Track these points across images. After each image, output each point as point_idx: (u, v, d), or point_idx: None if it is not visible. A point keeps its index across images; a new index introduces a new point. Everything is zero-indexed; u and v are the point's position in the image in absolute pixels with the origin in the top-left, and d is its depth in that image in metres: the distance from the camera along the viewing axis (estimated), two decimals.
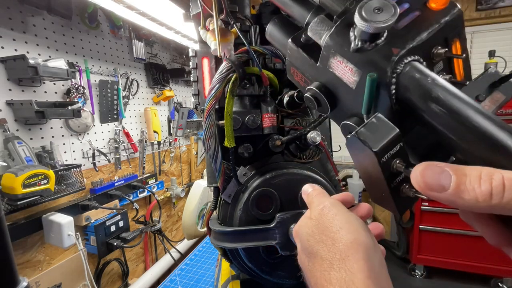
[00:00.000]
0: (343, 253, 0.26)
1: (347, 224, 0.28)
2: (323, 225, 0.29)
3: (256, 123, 0.51)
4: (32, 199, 1.05)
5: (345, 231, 0.27)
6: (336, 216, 0.29)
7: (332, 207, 0.31)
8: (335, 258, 0.26)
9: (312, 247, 0.29)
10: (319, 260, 0.27)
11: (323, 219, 0.30)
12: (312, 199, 0.35)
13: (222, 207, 0.55)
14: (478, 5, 2.39)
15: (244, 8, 0.58)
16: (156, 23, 1.39)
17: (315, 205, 0.33)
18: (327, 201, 0.32)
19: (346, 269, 0.24)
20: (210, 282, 0.98)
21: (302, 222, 0.34)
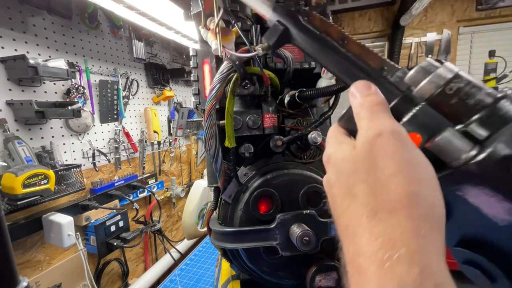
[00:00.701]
0: (392, 204, 0.20)
1: (409, 168, 0.21)
2: (373, 162, 0.22)
3: (257, 123, 0.51)
4: (32, 199, 1.05)
5: (403, 179, 0.21)
6: (395, 154, 0.21)
7: (392, 138, 0.22)
8: (381, 208, 0.20)
9: (351, 186, 0.23)
10: (359, 205, 0.22)
11: (375, 154, 0.22)
12: (363, 115, 0.25)
13: (222, 207, 0.55)
14: (478, 5, 2.39)
15: (245, 7, 0.58)
16: (156, 23, 1.39)
17: (366, 128, 0.24)
18: (386, 124, 0.23)
19: (395, 224, 0.20)
20: (210, 282, 0.98)
21: (341, 148, 0.26)
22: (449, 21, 2.48)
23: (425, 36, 2.55)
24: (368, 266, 0.19)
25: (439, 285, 0.18)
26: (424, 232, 0.19)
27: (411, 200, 0.20)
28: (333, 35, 0.31)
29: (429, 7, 2.46)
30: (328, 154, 0.27)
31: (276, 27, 0.34)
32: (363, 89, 0.26)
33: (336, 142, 0.27)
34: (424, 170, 0.22)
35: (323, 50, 0.31)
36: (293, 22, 0.33)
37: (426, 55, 2.57)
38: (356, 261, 0.20)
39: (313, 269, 0.49)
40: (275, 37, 0.34)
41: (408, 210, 0.20)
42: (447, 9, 2.48)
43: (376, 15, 2.69)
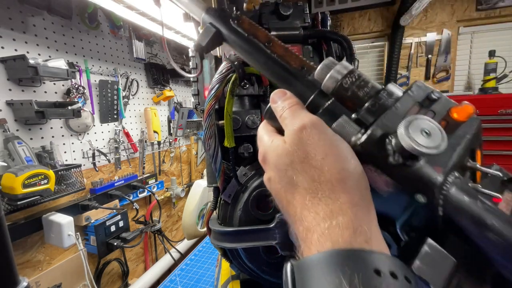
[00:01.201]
0: (329, 183, 0.23)
1: (333, 149, 0.25)
2: (304, 152, 0.25)
3: (256, 123, 0.51)
4: (32, 199, 1.05)
5: (332, 159, 0.24)
6: (319, 141, 0.25)
7: (313, 128, 0.26)
8: (320, 189, 0.23)
9: (290, 177, 0.25)
10: (301, 191, 0.24)
11: (304, 144, 0.25)
12: (285, 115, 0.28)
13: (222, 207, 0.55)
14: (478, 5, 2.38)
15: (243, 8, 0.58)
16: (156, 23, 1.39)
17: (290, 125, 0.27)
18: (306, 119, 0.26)
19: (333, 198, 0.23)
20: (210, 282, 0.98)
21: (274, 145, 0.28)
22: (449, 21, 2.48)
23: (425, 36, 2.55)
24: (312, 237, 0.22)
25: (368, 240, 0.21)
26: (356, 200, 0.23)
27: (343, 175, 0.23)
28: (260, 38, 0.33)
29: (429, 7, 2.46)
30: (263, 153, 0.30)
31: (209, 28, 0.36)
32: (280, 95, 0.30)
33: (268, 140, 0.30)
34: (345, 149, 0.25)
35: (251, 51, 0.34)
36: (224, 24, 0.35)
37: (426, 55, 2.57)
38: (307, 237, 0.23)
39: None
40: (207, 38, 0.36)
41: (342, 185, 0.23)
42: (447, 9, 2.48)
43: (376, 15, 2.69)
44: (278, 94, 0.30)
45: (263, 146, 0.30)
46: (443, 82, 2.55)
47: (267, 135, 0.30)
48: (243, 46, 0.34)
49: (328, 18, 0.61)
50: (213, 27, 0.36)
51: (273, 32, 0.56)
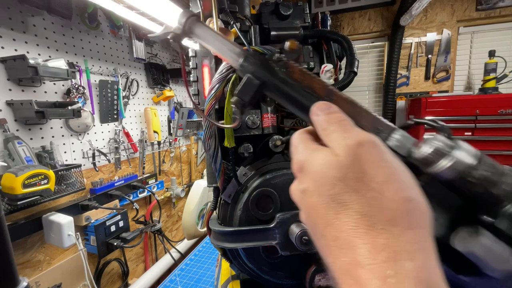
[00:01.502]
0: (390, 213, 0.20)
1: (396, 174, 0.21)
2: (361, 169, 0.21)
3: (256, 123, 0.51)
4: (32, 199, 1.05)
5: (395, 185, 0.20)
6: (381, 161, 0.21)
7: (375, 146, 0.22)
8: (378, 217, 0.20)
9: (339, 194, 0.22)
10: (352, 213, 0.21)
11: (361, 162, 0.21)
12: (332, 129, 0.24)
13: (222, 207, 0.55)
14: (478, 5, 2.39)
15: (244, 8, 0.58)
16: (156, 23, 1.39)
17: (341, 139, 0.23)
18: (362, 135, 0.23)
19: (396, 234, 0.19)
20: (210, 282, 0.98)
21: (319, 155, 0.24)
22: (449, 21, 2.48)
23: (425, 36, 2.55)
24: (370, 279, 0.18)
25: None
26: (424, 242, 0.19)
27: (408, 207, 0.20)
28: (318, 91, 0.28)
29: (429, 7, 2.46)
30: (300, 161, 0.26)
31: (251, 81, 0.30)
32: (324, 108, 0.26)
33: (308, 149, 0.26)
34: (410, 176, 0.22)
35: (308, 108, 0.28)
36: (270, 75, 0.29)
37: (426, 55, 2.57)
38: (355, 272, 0.19)
39: (313, 269, 0.49)
40: (251, 92, 0.30)
41: (408, 220, 0.20)
42: (447, 9, 2.48)
43: (376, 15, 2.69)
44: (321, 106, 0.26)
45: (301, 154, 0.26)
46: (443, 82, 2.55)
47: (306, 144, 0.26)
48: (298, 100, 0.29)
49: (328, 18, 0.61)
50: (256, 78, 0.30)
51: (273, 32, 0.56)
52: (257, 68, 0.30)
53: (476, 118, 1.98)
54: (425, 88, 2.61)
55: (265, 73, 0.30)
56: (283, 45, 0.29)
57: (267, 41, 0.56)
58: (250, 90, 0.30)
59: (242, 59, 0.31)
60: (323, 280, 0.49)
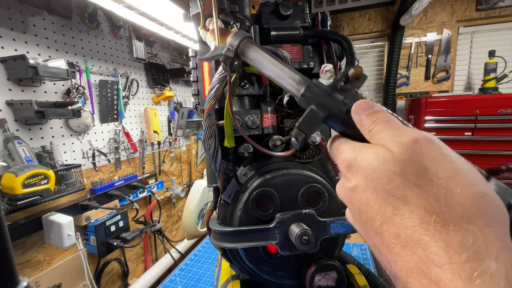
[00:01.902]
0: (463, 210, 0.18)
1: (464, 169, 0.19)
2: (420, 164, 0.20)
3: (256, 123, 0.51)
4: (32, 199, 1.05)
5: (465, 180, 0.19)
6: (442, 156, 0.20)
7: (432, 141, 0.21)
8: (449, 214, 0.18)
9: (398, 189, 0.20)
10: (416, 210, 0.19)
11: (420, 156, 0.20)
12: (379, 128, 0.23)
13: (222, 207, 0.55)
14: (478, 5, 2.39)
15: (244, 8, 0.58)
16: (156, 23, 1.39)
17: (394, 135, 0.22)
18: (417, 132, 0.21)
19: (474, 232, 0.17)
20: (210, 282, 0.98)
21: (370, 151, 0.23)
22: (449, 21, 2.48)
23: (425, 36, 2.55)
24: (451, 279, 0.17)
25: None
26: (506, 242, 0.18)
27: (482, 204, 0.18)
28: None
29: (429, 7, 2.47)
30: (348, 159, 0.25)
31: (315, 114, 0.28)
32: (366, 107, 0.25)
33: (353, 146, 0.25)
34: (477, 172, 0.20)
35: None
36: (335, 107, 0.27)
37: (426, 55, 2.57)
38: (428, 272, 0.18)
39: (313, 269, 0.49)
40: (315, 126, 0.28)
41: (484, 217, 0.18)
42: (447, 9, 2.48)
43: (376, 15, 2.69)
44: (363, 105, 0.25)
45: (347, 152, 0.25)
46: (443, 82, 2.55)
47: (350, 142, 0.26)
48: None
49: (328, 18, 0.61)
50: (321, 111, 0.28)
51: (273, 32, 0.56)
52: (321, 99, 0.28)
53: (476, 118, 1.98)
54: (425, 88, 2.61)
55: (330, 105, 0.28)
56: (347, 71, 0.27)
57: (267, 41, 0.56)
58: (314, 123, 0.28)
59: (303, 88, 0.29)
60: (323, 280, 0.49)
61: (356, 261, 0.66)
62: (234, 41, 0.34)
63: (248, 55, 0.34)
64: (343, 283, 0.49)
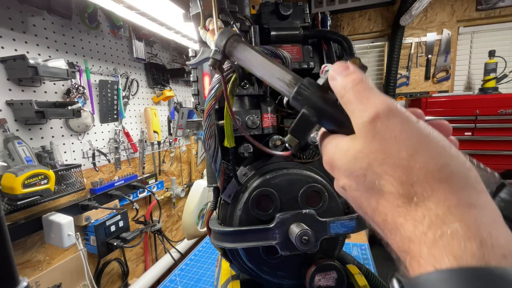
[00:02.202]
0: (426, 184, 0.19)
1: (424, 142, 0.20)
2: (384, 150, 0.20)
3: (256, 123, 0.51)
4: (32, 199, 1.05)
5: (425, 155, 0.19)
6: (402, 133, 0.20)
7: (390, 117, 0.20)
8: (415, 192, 0.19)
9: (371, 182, 0.21)
10: (389, 196, 0.20)
11: (381, 141, 0.20)
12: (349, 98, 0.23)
13: (222, 207, 0.55)
14: (478, 5, 2.39)
15: (244, 8, 0.58)
16: (156, 23, 1.39)
17: (358, 114, 0.22)
18: (378, 104, 0.21)
19: (437, 201, 0.18)
20: (210, 282, 0.98)
21: (340, 149, 0.24)
22: (449, 21, 2.48)
23: (425, 36, 2.55)
24: (420, 249, 0.18)
25: (506, 255, 0.16)
26: (473, 201, 0.18)
27: (445, 173, 0.19)
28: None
29: (429, 7, 2.46)
30: (329, 160, 0.26)
31: (307, 118, 0.26)
32: (341, 70, 0.24)
33: (331, 144, 0.26)
34: (438, 139, 0.20)
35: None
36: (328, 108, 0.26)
37: (426, 55, 2.57)
38: (407, 248, 0.19)
39: (313, 269, 0.49)
40: (308, 131, 0.27)
41: (447, 185, 0.18)
42: (447, 9, 2.48)
43: (376, 15, 2.69)
44: (339, 68, 0.25)
45: (327, 153, 0.26)
46: (443, 82, 2.55)
47: (329, 139, 0.26)
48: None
49: (328, 18, 0.61)
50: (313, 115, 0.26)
51: (273, 32, 0.56)
52: (313, 102, 0.26)
53: (476, 118, 1.98)
54: (425, 88, 2.61)
55: (322, 108, 0.26)
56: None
57: (267, 41, 0.56)
58: (306, 129, 0.27)
59: (295, 90, 0.27)
60: (323, 280, 0.49)
61: (356, 261, 0.66)
62: (220, 42, 0.32)
63: (236, 55, 0.32)
64: (343, 283, 0.49)
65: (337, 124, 0.26)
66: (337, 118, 0.26)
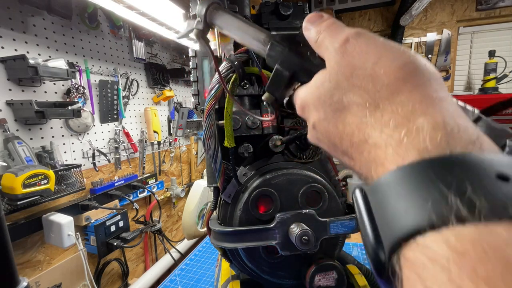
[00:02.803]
0: (390, 87, 0.18)
1: (387, 50, 0.19)
2: (350, 66, 0.20)
3: (256, 123, 0.51)
4: (32, 199, 1.05)
5: (388, 58, 0.19)
6: (368, 47, 0.20)
7: (358, 36, 0.21)
8: (380, 97, 0.18)
9: (338, 101, 0.20)
10: (355, 110, 0.20)
11: (349, 58, 0.20)
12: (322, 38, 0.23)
13: (222, 207, 0.55)
14: (478, 5, 2.39)
15: (244, 8, 0.58)
16: (156, 23, 1.39)
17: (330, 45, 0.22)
18: (348, 30, 0.21)
19: (402, 101, 0.17)
20: (210, 282, 0.98)
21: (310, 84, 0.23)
22: (449, 21, 2.48)
23: (425, 36, 2.55)
24: (386, 152, 0.17)
25: (473, 141, 0.15)
26: (435, 94, 0.17)
27: (407, 70, 0.18)
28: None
29: (429, 7, 2.46)
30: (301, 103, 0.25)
31: (280, 73, 0.26)
32: (315, 19, 0.24)
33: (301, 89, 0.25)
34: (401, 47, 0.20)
35: None
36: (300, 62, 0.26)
37: (426, 55, 2.57)
38: (376, 158, 0.18)
39: (313, 269, 0.49)
40: (282, 86, 0.27)
41: (409, 82, 0.18)
42: (447, 9, 2.48)
43: (376, 15, 2.69)
44: (312, 18, 0.24)
45: (299, 97, 0.25)
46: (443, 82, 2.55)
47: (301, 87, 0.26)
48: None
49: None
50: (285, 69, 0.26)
51: (273, 32, 0.56)
52: (285, 56, 0.26)
53: None
54: None
55: (295, 61, 0.26)
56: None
57: None
58: (280, 83, 0.27)
59: (268, 46, 0.27)
60: (323, 280, 0.49)
61: (356, 261, 0.66)
62: (201, 11, 0.32)
63: (216, 22, 0.32)
64: (343, 283, 0.49)
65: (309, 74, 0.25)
66: (308, 68, 0.25)
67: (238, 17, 0.31)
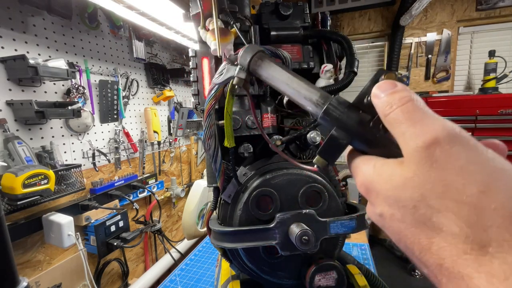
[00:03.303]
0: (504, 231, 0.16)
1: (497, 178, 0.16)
2: (443, 181, 0.17)
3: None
4: (32, 199, 1.05)
5: (500, 191, 0.16)
6: (469, 164, 0.17)
7: (452, 142, 0.17)
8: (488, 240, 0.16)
9: (424, 217, 0.18)
10: (449, 238, 0.17)
11: (440, 170, 0.17)
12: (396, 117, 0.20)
13: (222, 207, 0.55)
14: (478, 5, 2.39)
15: (244, 8, 0.58)
16: (156, 23, 1.39)
17: (410, 136, 0.19)
18: (436, 126, 0.18)
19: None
20: (210, 282, 0.98)
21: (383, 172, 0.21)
22: (449, 21, 2.48)
23: (425, 36, 2.55)
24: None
25: None
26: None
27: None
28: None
29: (429, 7, 2.47)
30: (365, 183, 0.22)
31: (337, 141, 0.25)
32: (387, 87, 0.21)
33: (367, 165, 0.23)
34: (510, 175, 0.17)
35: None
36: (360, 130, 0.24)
37: (426, 55, 2.57)
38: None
39: (313, 269, 0.49)
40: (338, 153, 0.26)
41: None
42: (447, 9, 2.48)
43: (376, 15, 2.69)
44: (384, 85, 0.22)
45: (363, 175, 0.23)
46: (443, 82, 2.55)
47: (363, 159, 0.23)
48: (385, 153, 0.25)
49: (328, 18, 0.61)
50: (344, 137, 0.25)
51: (273, 32, 0.56)
52: (344, 123, 0.24)
53: (476, 118, 1.98)
54: (425, 88, 2.61)
55: (355, 130, 0.24)
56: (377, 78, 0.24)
57: (267, 41, 0.56)
58: (336, 150, 0.26)
59: (322, 109, 0.26)
60: (323, 280, 0.49)
61: (356, 261, 0.66)
62: (243, 60, 0.31)
63: (262, 73, 0.32)
64: (343, 283, 0.49)
65: (371, 145, 0.24)
66: (370, 140, 0.24)
67: (286, 70, 0.30)
